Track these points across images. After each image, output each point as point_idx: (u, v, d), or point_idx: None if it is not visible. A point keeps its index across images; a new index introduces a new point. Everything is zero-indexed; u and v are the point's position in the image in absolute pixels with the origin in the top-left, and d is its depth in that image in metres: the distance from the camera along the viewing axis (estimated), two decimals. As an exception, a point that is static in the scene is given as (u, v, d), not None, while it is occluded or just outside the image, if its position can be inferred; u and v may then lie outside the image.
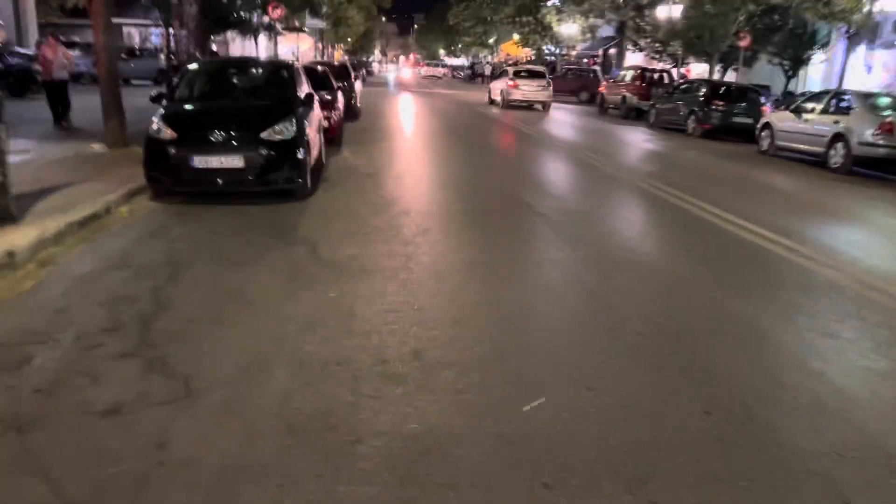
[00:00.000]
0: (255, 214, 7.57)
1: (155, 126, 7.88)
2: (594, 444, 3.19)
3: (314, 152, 9.14)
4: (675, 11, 25.83)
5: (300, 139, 8.14)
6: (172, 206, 7.79)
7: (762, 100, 18.74)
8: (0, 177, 6.08)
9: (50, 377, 3.65)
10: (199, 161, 7.65)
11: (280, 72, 9.46)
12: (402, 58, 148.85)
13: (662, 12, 27.41)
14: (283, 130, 7.98)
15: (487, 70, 60.39)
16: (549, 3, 43.26)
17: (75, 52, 29.81)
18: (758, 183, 12.02)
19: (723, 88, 19.25)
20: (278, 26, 24.97)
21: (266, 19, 24.22)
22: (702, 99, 18.93)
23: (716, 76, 27.72)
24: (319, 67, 16.19)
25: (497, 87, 28.60)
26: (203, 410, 3.37)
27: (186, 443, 3.09)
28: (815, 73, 31.36)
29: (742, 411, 3.57)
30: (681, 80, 24.22)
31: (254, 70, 10.04)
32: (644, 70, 25.55)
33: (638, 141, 18.05)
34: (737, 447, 3.23)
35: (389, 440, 3.16)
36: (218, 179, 7.72)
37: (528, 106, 26.94)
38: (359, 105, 20.36)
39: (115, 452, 3.00)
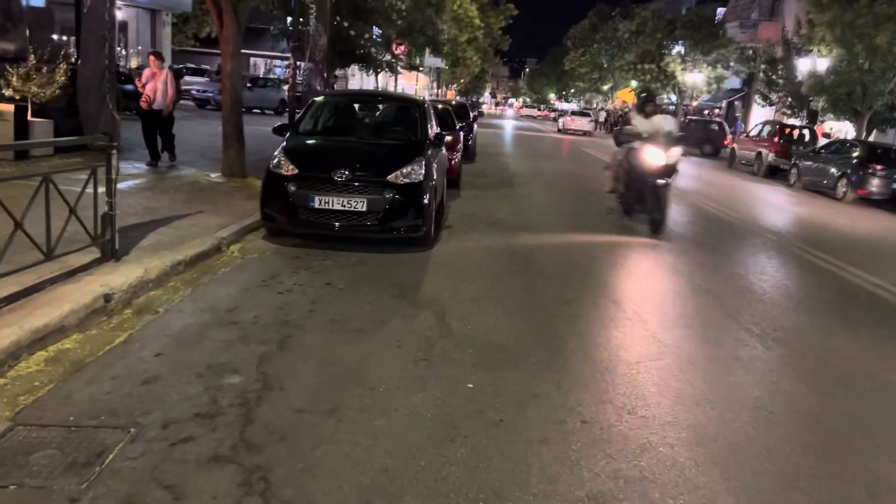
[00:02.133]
0: (374, 265, 6.73)
1: (276, 160, 7.25)
2: None
3: (438, 197, 8.30)
4: (819, 65, 23.85)
5: (427, 184, 7.31)
6: (286, 249, 7.08)
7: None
8: (106, 207, 5.49)
9: (123, 490, 2.79)
10: (320, 201, 6.92)
11: (410, 109, 8.72)
12: (512, 100, 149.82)
13: (805, 65, 25.42)
14: (410, 173, 7.18)
15: (602, 116, 59.14)
16: (673, 52, 41.66)
17: (202, 79, 31.10)
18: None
19: (881, 151, 17.25)
20: (399, 64, 24.79)
21: (388, 56, 24.06)
22: (856, 161, 17.02)
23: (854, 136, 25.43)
24: (440, 105, 15.56)
25: (560, 120, 48.78)
26: (314, 573, 2.41)
27: None
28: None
29: None
30: (830, 140, 22.21)
31: (382, 105, 9.36)
32: (783, 126, 23.64)
33: (783, 203, 16.35)
34: None
35: None
36: (336, 223, 6.97)
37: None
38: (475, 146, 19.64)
39: None
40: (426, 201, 7.24)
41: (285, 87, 27.60)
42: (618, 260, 8.05)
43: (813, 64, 24.21)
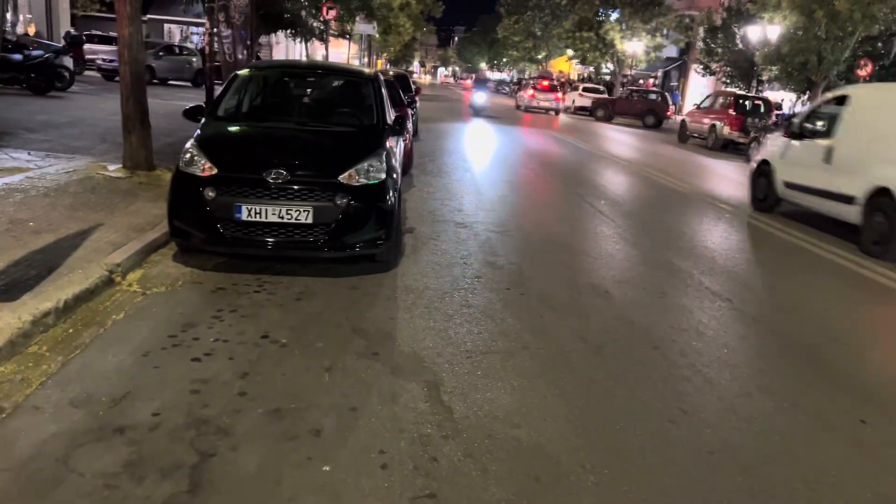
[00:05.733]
0: (325, 297, 5.04)
1: (187, 155, 5.42)
2: None
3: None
4: (769, 33, 22.97)
5: (391, 184, 5.63)
6: (205, 275, 5.30)
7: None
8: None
9: None
10: (249, 211, 5.16)
11: (361, 85, 6.92)
12: (441, 70, 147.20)
13: (754, 34, 24.56)
14: (369, 171, 5.47)
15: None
16: (612, 19, 40.51)
17: (110, 47, 27.95)
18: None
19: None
20: (331, 30, 22.63)
21: (316, 22, 21.89)
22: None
23: (799, 107, 24.91)
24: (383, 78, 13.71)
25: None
26: None
27: None
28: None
29: None
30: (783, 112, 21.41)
31: (325, 81, 7.52)
32: (737, 96, 22.68)
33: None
34: None
35: None
36: (272, 239, 5.23)
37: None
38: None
39: None
40: (390, 206, 5.56)
41: (195, 60, 25.17)
42: (627, 271, 6.57)
43: (763, 32, 23.37)
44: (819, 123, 9.42)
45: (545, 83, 36.15)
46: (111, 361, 3.77)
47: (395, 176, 5.87)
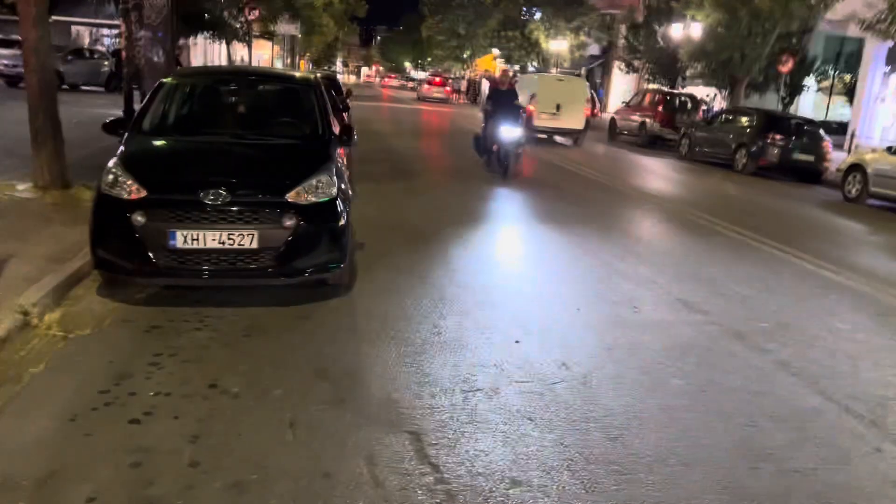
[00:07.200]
0: (276, 331, 4.52)
1: (110, 176, 4.79)
2: None
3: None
4: (693, 31, 23.37)
5: (342, 200, 5.16)
6: (135, 311, 4.70)
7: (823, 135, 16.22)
8: None
9: None
10: (185, 238, 4.59)
11: (301, 92, 6.35)
12: (364, 69, 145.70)
13: (677, 32, 24.98)
14: (318, 187, 4.99)
15: (464, 86, 57.96)
16: (535, 18, 40.70)
17: (12, 51, 26.09)
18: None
19: (778, 120, 16.74)
20: (253, 31, 21.74)
21: (238, 23, 21.00)
22: (753, 131, 16.40)
23: (723, 103, 25.47)
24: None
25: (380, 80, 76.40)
26: None
27: None
28: (806, 103, 29.38)
29: None
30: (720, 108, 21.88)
31: (262, 88, 6.91)
32: (665, 94, 23.00)
33: (685, 177, 15.36)
34: None
35: None
36: (212, 267, 4.68)
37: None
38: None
39: None
40: (342, 225, 5.08)
41: (106, 63, 23.88)
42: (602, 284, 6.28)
43: (686, 30, 23.76)
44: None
45: (437, 80, 48.84)
46: (31, 430, 3.18)
47: (344, 189, 5.38)
